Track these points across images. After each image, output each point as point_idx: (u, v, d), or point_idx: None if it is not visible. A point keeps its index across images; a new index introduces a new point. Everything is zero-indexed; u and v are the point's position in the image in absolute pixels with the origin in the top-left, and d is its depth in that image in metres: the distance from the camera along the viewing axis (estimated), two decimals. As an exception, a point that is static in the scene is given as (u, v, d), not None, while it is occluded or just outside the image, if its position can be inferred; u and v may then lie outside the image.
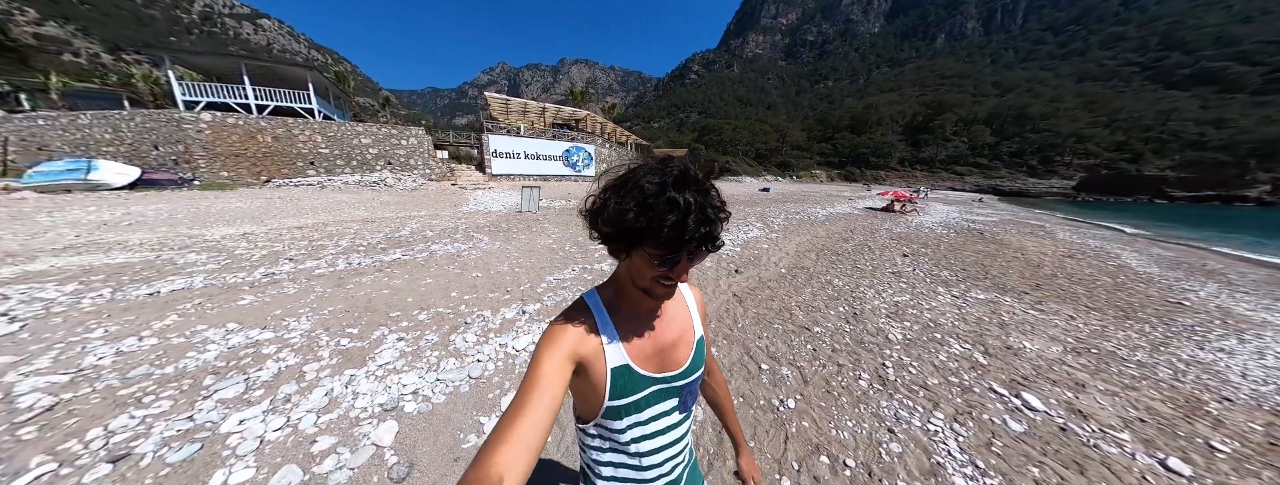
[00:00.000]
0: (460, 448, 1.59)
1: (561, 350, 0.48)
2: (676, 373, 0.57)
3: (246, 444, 1.50)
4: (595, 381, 0.51)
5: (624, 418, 0.54)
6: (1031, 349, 2.97)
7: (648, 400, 0.55)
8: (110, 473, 1.35)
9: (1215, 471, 1.73)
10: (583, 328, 0.51)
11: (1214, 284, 6.19)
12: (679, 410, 0.59)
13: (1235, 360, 3.02)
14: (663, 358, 0.56)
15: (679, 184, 0.42)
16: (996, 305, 3.97)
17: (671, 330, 0.58)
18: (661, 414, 0.57)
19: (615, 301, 0.54)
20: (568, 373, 0.48)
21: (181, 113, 12.17)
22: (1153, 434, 1.98)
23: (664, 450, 0.58)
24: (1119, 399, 2.32)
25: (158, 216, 7.08)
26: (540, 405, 0.42)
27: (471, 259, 4.61)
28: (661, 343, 0.56)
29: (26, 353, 2.09)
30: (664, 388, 0.56)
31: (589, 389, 0.53)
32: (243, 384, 1.88)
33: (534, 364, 0.46)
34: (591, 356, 0.50)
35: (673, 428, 0.58)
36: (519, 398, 0.43)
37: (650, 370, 0.55)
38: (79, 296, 2.91)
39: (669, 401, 0.57)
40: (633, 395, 0.53)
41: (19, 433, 1.51)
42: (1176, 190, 58.92)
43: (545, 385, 0.44)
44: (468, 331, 2.61)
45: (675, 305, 0.61)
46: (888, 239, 7.94)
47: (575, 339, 0.49)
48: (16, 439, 1.48)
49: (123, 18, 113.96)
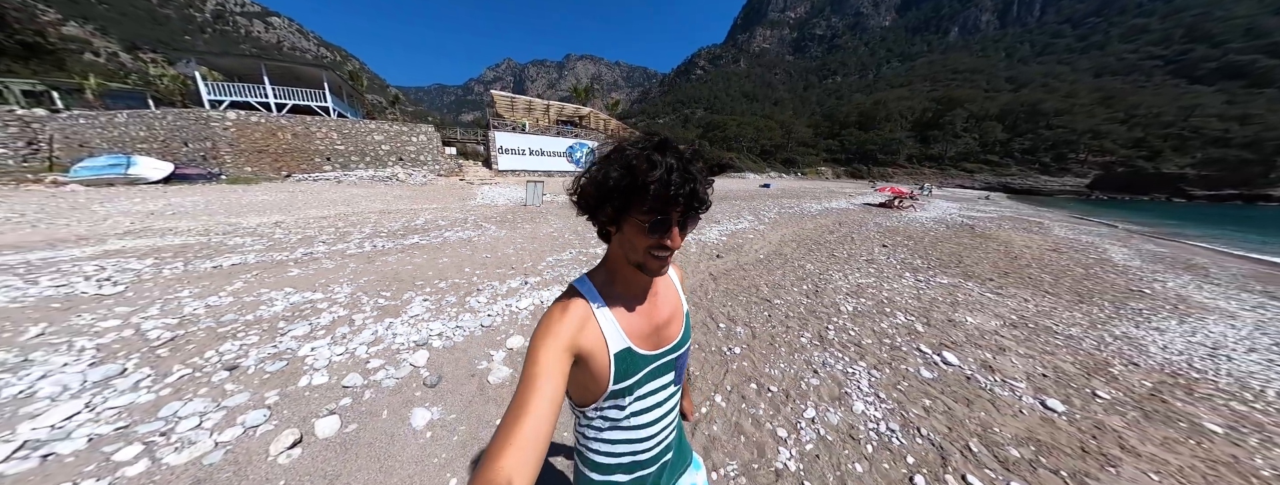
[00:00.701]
0: (475, 368, 2.11)
1: (559, 343, 0.46)
2: (670, 347, 0.58)
3: (319, 362, 2.04)
4: (597, 369, 0.50)
5: (625, 397, 0.54)
6: (971, 322, 3.38)
7: (647, 377, 0.55)
8: (228, 377, 1.88)
9: (1087, 411, 2.14)
10: (578, 317, 0.50)
11: (1188, 276, 6.42)
12: (673, 382, 0.61)
13: (1164, 337, 3.35)
14: (658, 335, 0.57)
15: (660, 147, 0.44)
16: (956, 288, 4.36)
17: (664, 308, 0.58)
18: (659, 388, 0.58)
19: (608, 285, 0.54)
20: (567, 366, 0.47)
21: (209, 112, 12.94)
22: (1048, 385, 2.39)
23: (659, 421, 0.59)
24: (1033, 360, 2.72)
25: (195, 207, 7.75)
26: (541, 404, 0.41)
27: (481, 243, 5.14)
28: (656, 321, 0.57)
29: (138, 306, 2.66)
30: (661, 364, 0.57)
31: (590, 377, 0.51)
32: (308, 326, 2.42)
33: (530, 360, 0.45)
34: (592, 344, 0.49)
35: (668, 399, 0.60)
36: (519, 397, 0.42)
37: (648, 349, 0.55)
38: (159, 268, 3.50)
39: (666, 376, 0.59)
40: (634, 376, 0.53)
41: (157, 353, 2.07)
42: (1196, 189, 57.35)
43: (544, 382, 0.43)
44: (479, 295, 3.15)
45: (663, 283, 0.61)
46: (874, 232, 8.29)
47: (572, 329, 0.48)
48: (158, 356, 2.03)
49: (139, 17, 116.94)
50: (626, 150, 0.45)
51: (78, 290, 2.87)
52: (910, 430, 1.82)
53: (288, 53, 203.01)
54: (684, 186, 0.43)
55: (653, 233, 0.46)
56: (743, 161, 65.89)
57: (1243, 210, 39.17)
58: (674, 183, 0.43)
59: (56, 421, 1.54)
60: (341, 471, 1.38)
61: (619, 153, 0.45)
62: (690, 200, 0.45)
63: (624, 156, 0.44)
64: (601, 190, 0.46)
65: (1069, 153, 71.52)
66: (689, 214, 0.47)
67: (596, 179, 0.46)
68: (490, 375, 2.05)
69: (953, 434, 1.81)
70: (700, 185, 0.45)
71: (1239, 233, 14.93)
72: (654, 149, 0.44)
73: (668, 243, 0.46)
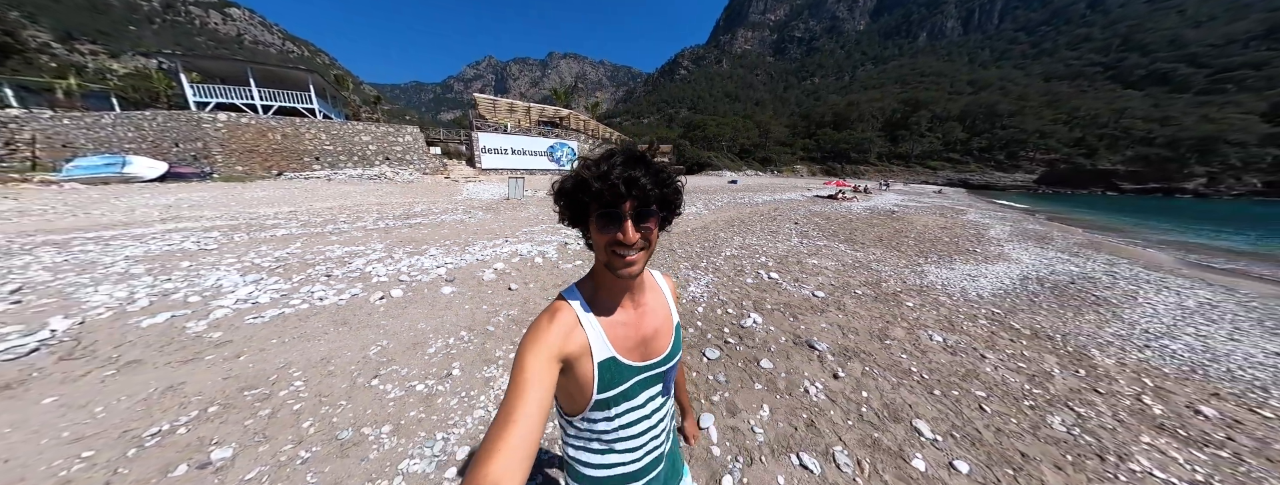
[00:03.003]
0: (474, 275, 3.53)
1: (545, 351, 0.48)
2: (658, 360, 0.59)
3: (381, 274, 3.42)
4: (582, 377, 0.52)
5: (612, 408, 0.55)
6: (812, 262, 4.99)
7: (634, 389, 0.56)
8: (326, 280, 3.23)
9: (836, 298, 3.67)
10: (565, 325, 0.51)
11: (1030, 243, 8.32)
12: (661, 395, 0.61)
13: (946, 272, 4.99)
14: (646, 347, 0.58)
15: (610, 155, 0.48)
16: (826, 248, 6.02)
17: (652, 320, 0.59)
18: (647, 400, 0.58)
19: (594, 295, 0.55)
20: (554, 373, 0.48)
21: (201, 113, 13.55)
22: (825, 286, 3.97)
23: (648, 432, 0.60)
24: (831, 279, 4.32)
25: (205, 201, 8.67)
26: (529, 411, 0.42)
27: (472, 222, 6.49)
28: (644, 332, 0.57)
29: (238, 253, 3.92)
30: (648, 376, 0.58)
31: (575, 386, 0.53)
32: (364, 260, 3.79)
33: (518, 368, 0.46)
34: (577, 353, 0.51)
35: (656, 411, 0.61)
36: (507, 404, 0.43)
37: (635, 360, 0.56)
38: (229, 236, 4.70)
39: (653, 388, 0.59)
40: (619, 386, 0.54)
41: (274, 271, 3.39)
42: (1125, 183, 63.89)
43: (532, 390, 0.44)
44: (474, 246, 4.60)
45: (653, 295, 0.62)
46: (799, 216, 10.04)
47: (559, 337, 0.49)
48: (277, 272, 3.36)
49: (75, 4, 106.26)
50: (587, 161, 0.49)
51: (185, 247, 4.08)
52: (718, 299, 3.37)
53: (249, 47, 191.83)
54: (624, 174, 0.46)
55: (604, 228, 0.48)
56: (721, 160, 68.31)
57: (1161, 202, 44.09)
58: (614, 176, 0.46)
59: (243, 295, 2.86)
60: (407, 310, 2.78)
61: (581, 164, 0.50)
62: (631, 188, 0.47)
63: (583, 165, 0.49)
64: (562, 194, 0.51)
65: (1020, 151, 77.86)
66: (642, 207, 0.48)
67: (561, 186, 0.51)
68: (484, 277, 3.48)
69: (741, 301, 3.36)
70: (642, 175, 0.47)
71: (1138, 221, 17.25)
72: (604, 156, 0.48)
73: (621, 237, 0.47)
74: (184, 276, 3.18)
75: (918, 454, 1.63)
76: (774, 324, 2.88)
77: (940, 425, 1.85)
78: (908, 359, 2.48)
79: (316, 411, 1.65)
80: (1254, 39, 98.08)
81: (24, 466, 1.31)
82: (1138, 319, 3.68)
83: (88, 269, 3.27)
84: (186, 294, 2.83)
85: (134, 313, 2.50)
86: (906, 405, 1.98)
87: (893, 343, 2.70)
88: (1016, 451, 1.70)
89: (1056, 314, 3.66)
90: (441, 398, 1.80)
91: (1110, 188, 64.33)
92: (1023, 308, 3.77)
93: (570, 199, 0.50)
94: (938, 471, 1.55)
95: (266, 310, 2.62)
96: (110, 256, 3.63)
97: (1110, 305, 4.07)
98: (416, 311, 2.73)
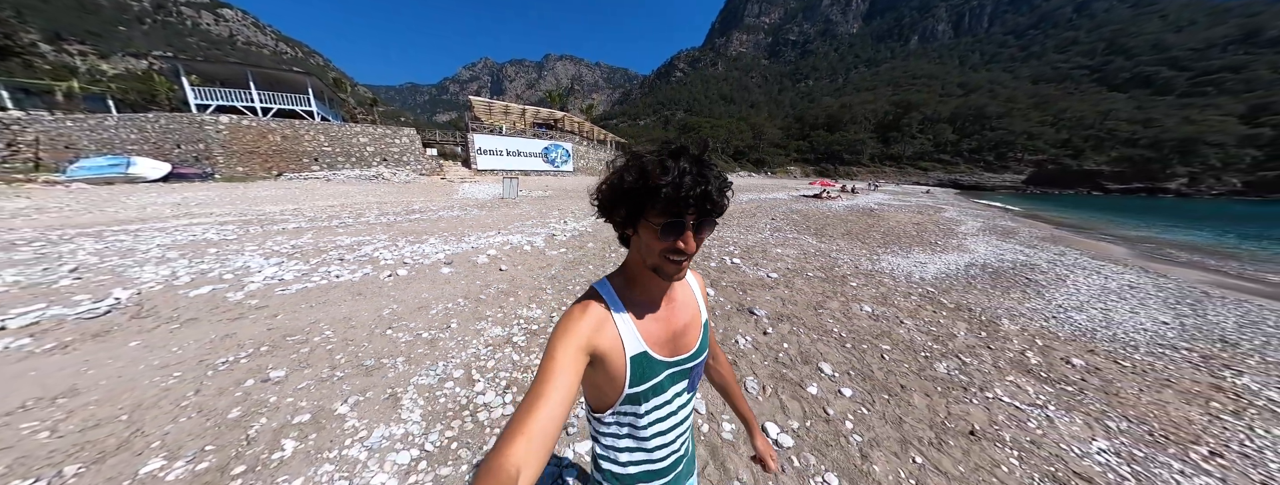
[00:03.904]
0: (469, 259, 3.98)
1: (575, 342, 0.48)
2: (688, 355, 0.59)
3: (387, 257, 3.86)
4: (613, 371, 0.52)
5: (643, 403, 0.55)
6: (777, 251, 5.49)
7: (663, 384, 0.56)
8: (340, 262, 3.67)
9: (788, 280, 4.18)
10: (596, 318, 0.51)
11: (993, 237, 8.88)
12: (688, 390, 0.61)
13: (900, 260, 5.51)
14: (676, 342, 0.57)
15: (675, 153, 0.46)
16: (795, 239, 6.52)
17: (682, 315, 0.59)
18: (675, 395, 0.58)
19: (626, 289, 0.55)
20: (582, 365, 0.48)
21: (203, 116, 13.90)
22: (783, 272, 4.45)
23: (675, 428, 0.60)
24: (789, 265, 4.82)
25: (211, 199, 9.05)
26: (555, 398, 0.42)
27: (467, 218, 6.94)
28: (674, 327, 0.57)
29: (257, 241, 4.36)
30: (678, 371, 0.58)
31: (605, 379, 0.53)
32: (372, 247, 4.23)
33: (548, 357, 0.46)
34: (608, 346, 0.51)
35: (683, 406, 0.60)
36: (534, 390, 0.43)
37: (665, 355, 0.56)
38: (245, 228, 5.12)
39: (681, 383, 0.59)
40: (650, 381, 0.54)
41: (291, 255, 3.83)
42: (1111, 183, 65.63)
43: (559, 378, 0.44)
44: (469, 237, 5.07)
45: (682, 289, 0.62)
46: (778, 213, 10.56)
47: (589, 330, 0.49)
48: (294, 256, 3.80)
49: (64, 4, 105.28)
50: (644, 156, 0.47)
51: (208, 237, 4.51)
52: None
53: (242, 48, 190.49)
54: (695, 189, 0.44)
55: (665, 236, 0.47)
56: (715, 162, 69.09)
57: (1145, 201, 45.45)
58: (685, 186, 0.44)
59: (269, 274, 3.30)
60: (412, 284, 3.23)
61: (636, 158, 0.47)
62: (702, 203, 0.45)
63: (640, 161, 0.46)
64: (616, 193, 0.48)
65: (1008, 152, 79.46)
66: (703, 218, 0.47)
67: (613, 183, 0.48)
68: (478, 261, 3.94)
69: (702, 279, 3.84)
70: (713, 188, 0.46)
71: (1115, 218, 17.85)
72: (669, 155, 0.46)
73: (681, 246, 0.47)
74: (215, 259, 3.62)
75: (814, 384, 2.10)
76: (724, 296, 3.36)
77: (841, 367, 2.32)
78: (834, 323, 2.97)
79: (345, 349, 2.11)
80: (1232, 43, 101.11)
81: (133, 380, 1.77)
82: (1057, 297, 4.20)
83: (127, 254, 3.70)
84: (221, 273, 3.27)
85: (180, 286, 2.94)
86: (818, 354, 2.46)
87: (825, 312, 3.19)
88: (898, 385, 2.18)
89: (986, 293, 4.17)
90: (442, 342, 2.27)
91: (1096, 188, 66.02)
92: (958, 288, 4.28)
93: (628, 198, 0.48)
94: (826, 395, 2.02)
95: (292, 285, 3.06)
96: (144, 244, 4.05)
97: (1038, 286, 4.59)
98: (420, 286, 3.18)
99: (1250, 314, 3.96)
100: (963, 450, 1.63)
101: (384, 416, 1.61)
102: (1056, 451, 1.64)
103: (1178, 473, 1.55)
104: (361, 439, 1.48)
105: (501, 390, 1.84)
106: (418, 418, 1.62)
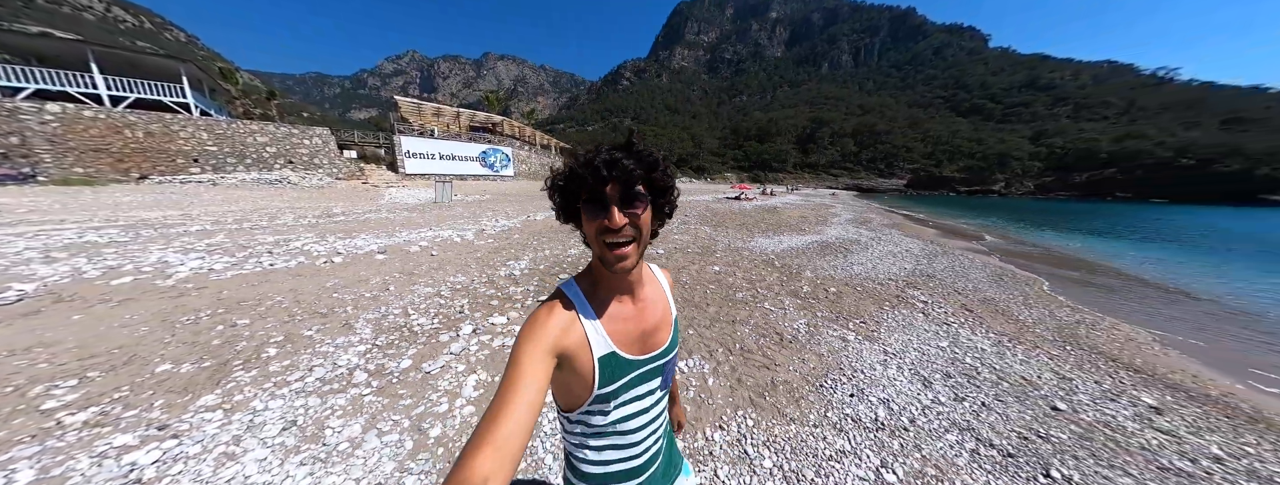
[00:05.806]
0: (403, 250, 4.53)
1: (542, 344, 0.47)
2: (658, 353, 0.60)
3: (318, 250, 4.23)
4: (582, 372, 0.51)
5: (611, 402, 0.55)
6: (673, 237, 6.83)
7: (633, 382, 0.56)
8: (270, 254, 3.98)
9: (667, 257, 5.50)
10: (563, 319, 0.51)
11: (851, 225, 11.42)
12: (661, 388, 0.62)
13: (764, 241, 7.21)
14: (645, 341, 0.58)
15: (598, 146, 0.50)
16: (695, 228, 8.01)
17: (652, 313, 0.60)
18: (646, 393, 0.59)
19: (593, 289, 0.55)
20: (550, 367, 0.48)
21: (18, 102, 11.21)
22: (669, 248, 5.75)
23: (647, 426, 0.60)
24: (674, 246, 6.15)
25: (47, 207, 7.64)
26: (521, 405, 0.42)
27: (397, 219, 7.18)
28: (644, 325, 0.58)
29: (162, 242, 4.31)
30: (648, 369, 0.58)
31: (575, 380, 0.52)
32: (299, 243, 4.50)
33: (513, 361, 0.46)
34: (575, 348, 0.50)
35: (655, 404, 0.61)
36: (500, 397, 0.43)
37: (634, 354, 0.56)
38: (134, 232, 4.85)
39: (653, 381, 0.60)
40: (620, 380, 0.54)
41: (212, 251, 4.00)
42: (961, 186, 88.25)
43: (526, 383, 0.44)
44: (402, 232, 5.51)
45: (652, 288, 0.62)
46: (695, 212, 12.31)
47: (556, 331, 0.49)
48: (211, 253, 3.98)
49: None
50: (577, 151, 0.50)
51: (90, 240, 4.30)
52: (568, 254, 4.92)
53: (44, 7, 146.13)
54: (614, 164, 0.46)
55: (591, 216, 0.48)
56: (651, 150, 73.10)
57: (983, 200, 62.12)
58: (599, 161, 0.46)
59: (194, 266, 3.54)
60: (349, 267, 3.75)
61: (571, 154, 0.52)
62: (622, 174, 0.47)
63: (573, 154, 0.51)
64: (554, 188, 0.51)
65: (894, 162, 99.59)
66: (627, 191, 0.48)
67: (553, 181, 0.51)
68: (410, 250, 4.53)
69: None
70: (632, 162, 0.47)
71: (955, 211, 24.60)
72: (597, 148, 0.49)
73: (607, 223, 0.47)
74: (120, 256, 3.66)
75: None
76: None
77: (676, 299, 3.55)
78: (685, 276, 4.25)
79: (299, 306, 2.72)
80: (1023, 87, 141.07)
81: (103, 335, 2.21)
82: (855, 258, 6.09)
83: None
84: (137, 266, 3.41)
85: (93, 279, 3.10)
86: (667, 292, 3.68)
87: (685, 272, 4.48)
88: (702, 301, 3.44)
89: (809, 257, 5.91)
90: (382, 297, 2.98)
91: (952, 190, 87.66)
92: (793, 255, 5.98)
93: (563, 194, 0.51)
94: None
95: (225, 273, 3.39)
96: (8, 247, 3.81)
97: (847, 252, 6.55)
98: (357, 267, 3.73)
99: (957, 264, 6.26)
100: (725, 324, 2.90)
101: (342, 333, 2.35)
102: (777, 326, 2.99)
103: (836, 335, 2.93)
104: (327, 343, 2.22)
105: (431, 317, 2.66)
106: (368, 332, 2.38)
